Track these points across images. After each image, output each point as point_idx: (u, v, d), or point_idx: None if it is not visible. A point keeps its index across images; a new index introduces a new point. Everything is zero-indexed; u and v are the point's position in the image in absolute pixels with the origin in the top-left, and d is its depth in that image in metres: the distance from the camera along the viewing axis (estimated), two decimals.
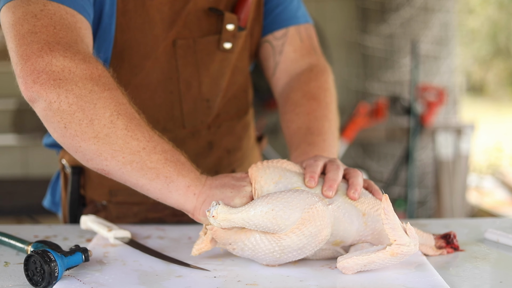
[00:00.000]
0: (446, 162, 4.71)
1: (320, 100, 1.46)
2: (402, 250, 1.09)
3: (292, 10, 1.53)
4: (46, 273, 1.05)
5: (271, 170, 1.16)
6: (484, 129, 7.44)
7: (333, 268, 1.15)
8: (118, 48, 1.36)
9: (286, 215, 1.08)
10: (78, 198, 1.51)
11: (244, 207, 1.09)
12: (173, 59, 1.41)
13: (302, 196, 1.10)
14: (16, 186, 4.00)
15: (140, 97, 1.39)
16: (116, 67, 1.36)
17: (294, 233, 1.09)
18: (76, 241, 1.34)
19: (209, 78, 1.46)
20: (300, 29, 1.54)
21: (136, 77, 1.39)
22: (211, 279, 1.10)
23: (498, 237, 1.30)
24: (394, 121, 4.75)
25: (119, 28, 1.35)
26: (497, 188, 6.15)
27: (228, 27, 1.43)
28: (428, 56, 4.84)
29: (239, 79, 1.53)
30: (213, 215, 1.08)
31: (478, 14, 10.19)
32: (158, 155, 1.15)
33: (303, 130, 1.40)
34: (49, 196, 1.65)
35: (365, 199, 1.16)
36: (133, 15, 1.35)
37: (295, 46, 1.54)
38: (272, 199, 1.09)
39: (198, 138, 1.49)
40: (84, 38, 1.20)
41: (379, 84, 5.00)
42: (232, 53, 1.47)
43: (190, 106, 1.45)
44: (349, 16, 5.19)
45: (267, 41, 1.54)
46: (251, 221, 1.08)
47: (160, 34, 1.38)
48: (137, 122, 1.16)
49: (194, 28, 1.41)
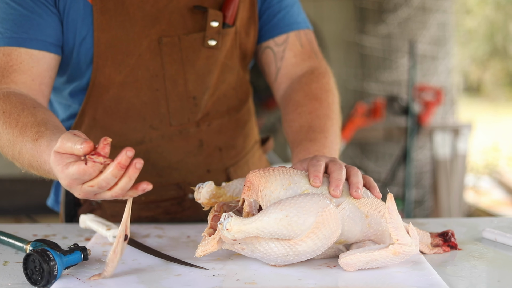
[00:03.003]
0: (443, 161, 4.72)
1: (322, 100, 1.47)
2: (404, 250, 1.09)
3: (293, 15, 1.55)
4: (45, 272, 1.05)
5: (281, 176, 1.14)
6: (481, 129, 7.46)
7: (332, 266, 1.15)
8: (102, 47, 1.39)
9: (301, 220, 1.07)
10: (74, 196, 1.51)
11: (257, 216, 1.07)
12: (159, 57, 1.43)
13: (314, 200, 1.09)
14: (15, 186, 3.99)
15: (126, 95, 1.43)
16: (101, 66, 1.40)
17: (309, 238, 1.09)
18: (75, 240, 1.34)
19: (195, 75, 1.47)
20: (300, 35, 1.56)
21: (121, 74, 1.42)
22: (210, 278, 1.10)
23: (495, 236, 1.30)
24: (392, 121, 4.76)
25: (99, 28, 1.38)
26: (494, 188, 6.16)
27: (212, 24, 1.45)
28: (425, 56, 4.85)
29: (229, 77, 1.53)
30: (227, 228, 1.06)
31: (475, 14, 10.20)
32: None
33: (305, 128, 1.41)
34: (52, 196, 1.66)
35: (367, 200, 1.16)
36: (113, 14, 1.39)
37: (296, 52, 1.55)
38: (285, 206, 1.07)
39: (187, 136, 1.49)
40: (12, 73, 1.35)
41: (377, 84, 5.00)
42: (219, 50, 1.48)
43: (176, 104, 1.47)
44: (347, 16, 5.20)
45: (268, 47, 1.56)
46: (265, 230, 1.07)
47: (142, 31, 1.41)
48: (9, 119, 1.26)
49: (179, 26, 1.44)
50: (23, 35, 1.35)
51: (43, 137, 1.16)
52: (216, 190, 1.25)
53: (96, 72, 1.41)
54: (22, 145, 1.20)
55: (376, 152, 5.05)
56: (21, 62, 1.35)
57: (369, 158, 5.10)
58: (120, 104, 1.44)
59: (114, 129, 1.46)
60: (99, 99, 1.44)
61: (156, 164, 1.48)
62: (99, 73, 1.41)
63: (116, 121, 1.45)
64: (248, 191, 1.13)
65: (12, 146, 1.23)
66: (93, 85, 1.42)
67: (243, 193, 1.14)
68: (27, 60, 1.35)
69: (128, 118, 1.45)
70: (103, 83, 1.42)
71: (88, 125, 1.46)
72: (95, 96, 1.43)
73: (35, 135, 1.18)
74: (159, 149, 1.48)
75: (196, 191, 1.25)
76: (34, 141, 1.17)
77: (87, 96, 1.43)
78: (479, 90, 10.71)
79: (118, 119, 1.45)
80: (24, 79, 1.35)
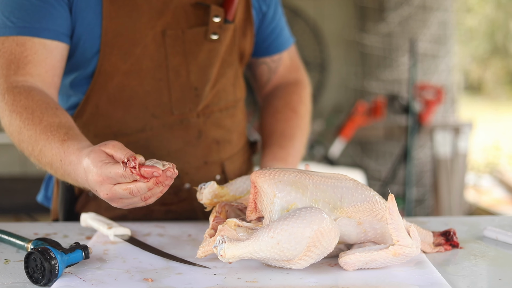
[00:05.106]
0: (444, 160, 4.72)
1: (297, 111, 1.67)
2: (404, 251, 1.09)
3: (285, 35, 1.71)
4: (46, 270, 1.05)
5: (286, 189, 1.13)
6: (482, 128, 7.46)
7: (333, 265, 1.15)
8: (109, 35, 1.44)
9: (293, 247, 1.07)
10: (69, 189, 1.54)
11: (250, 241, 1.07)
12: (163, 48, 1.48)
13: (306, 221, 1.07)
14: (15, 184, 4.00)
15: (130, 83, 1.47)
16: (108, 54, 1.44)
17: (303, 260, 1.09)
18: (76, 238, 1.34)
19: (197, 67, 1.51)
20: (290, 50, 1.74)
21: (126, 63, 1.46)
22: (211, 276, 1.10)
23: (497, 235, 1.30)
24: (392, 120, 4.76)
25: (108, 16, 1.43)
26: (495, 187, 6.16)
27: (214, 19, 1.50)
28: (426, 54, 4.85)
29: (228, 72, 1.58)
30: (221, 255, 1.06)
31: (476, 13, 10.20)
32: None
33: (278, 133, 1.62)
34: (42, 191, 1.68)
35: (355, 207, 1.15)
36: (122, 4, 1.44)
37: (286, 65, 1.73)
38: (276, 232, 1.06)
39: (187, 125, 1.52)
40: (27, 64, 1.37)
41: (377, 82, 5.00)
42: (220, 44, 1.53)
43: (178, 94, 1.50)
44: (348, 14, 5.20)
45: (264, 62, 1.71)
46: (258, 255, 1.07)
47: (148, 22, 1.46)
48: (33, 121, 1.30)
49: (182, 20, 1.49)
50: (35, 24, 1.38)
51: (72, 140, 1.22)
52: (219, 190, 1.25)
53: (103, 60, 1.45)
54: (45, 143, 1.25)
55: (376, 151, 5.05)
56: (36, 53, 1.38)
57: (369, 156, 5.10)
58: (124, 92, 1.48)
59: (116, 117, 1.49)
60: (104, 87, 1.47)
61: (155, 152, 1.51)
62: (105, 61, 1.45)
63: (118, 108, 1.48)
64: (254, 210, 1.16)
65: (34, 142, 1.27)
66: (99, 73, 1.46)
67: (248, 210, 1.17)
68: (41, 51, 1.38)
69: (130, 106, 1.49)
70: (109, 70, 1.46)
71: (90, 113, 1.49)
72: (100, 84, 1.47)
73: (64, 136, 1.23)
74: (159, 137, 1.50)
75: (198, 192, 1.25)
76: (62, 142, 1.22)
77: (92, 83, 1.47)
78: (479, 89, 10.71)
79: (121, 107, 1.48)
80: (39, 71, 1.38)
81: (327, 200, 1.13)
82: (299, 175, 1.15)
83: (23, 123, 1.29)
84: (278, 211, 1.12)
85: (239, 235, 1.13)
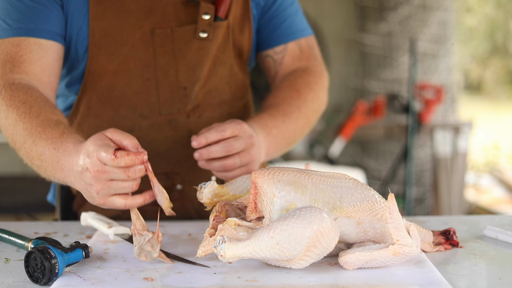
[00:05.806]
0: (444, 160, 4.72)
1: (300, 93, 1.55)
2: (404, 250, 1.09)
3: (293, 26, 1.62)
4: (46, 269, 1.05)
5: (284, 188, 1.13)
6: (481, 127, 7.45)
7: (333, 264, 1.15)
8: (96, 36, 1.44)
9: (292, 247, 1.07)
10: (69, 189, 1.55)
11: (250, 241, 1.07)
12: (151, 48, 1.47)
13: (306, 221, 1.07)
14: (16, 184, 4.00)
15: (118, 83, 1.48)
16: (96, 54, 1.45)
17: (303, 260, 1.09)
18: (76, 237, 1.34)
19: (186, 67, 1.50)
20: (301, 41, 1.64)
21: (114, 63, 1.46)
22: (211, 276, 1.10)
23: (497, 234, 1.30)
24: (392, 119, 4.76)
25: (94, 17, 1.43)
26: (494, 186, 6.16)
27: (204, 17, 1.49)
28: (426, 54, 4.85)
29: (221, 70, 1.56)
30: (221, 254, 1.07)
31: (476, 12, 10.19)
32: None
33: (274, 105, 1.52)
34: (52, 191, 1.68)
35: (354, 207, 1.15)
36: (109, 4, 1.44)
37: (294, 56, 1.63)
38: (275, 233, 1.06)
39: (176, 126, 1.52)
40: (23, 63, 1.39)
41: (377, 82, 5.00)
42: (211, 43, 1.51)
43: (167, 94, 1.50)
44: (348, 14, 5.19)
45: (268, 55, 1.64)
46: (258, 255, 1.07)
47: (136, 22, 1.46)
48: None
49: (172, 18, 1.48)
50: (30, 25, 1.39)
51: (72, 134, 1.23)
52: (219, 189, 1.25)
53: (91, 60, 1.45)
54: (41, 134, 1.24)
55: (376, 150, 5.05)
56: (31, 52, 1.39)
57: (369, 156, 5.10)
58: (113, 92, 1.48)
59: (106, 117, 1.49)
60: (94, 87, 1.48)
61: None
62: (93, 62, 1.46)
63: (108, 108, 1.49)
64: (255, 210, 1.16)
65: (27, 134, 1.27)
66: (88, 73, 1.47)
67: (249, 210, 1.16)
68: (37, 50, 1.39)
69: (119, 107, 1.49)
70: (97, 71, 1.46)
71: (82, 114, 1.50)
72: (90, 84, 1.48)
73: (63, 130, 1.24)
74: (148, 137, 1.50)
75: (199, 191, 1.25)
76: (61, 134, 1.23)
77: (83, 84, 1.48)
78: (479, 88, 10.71)
79: (110, 107, 1.49)
80: (34, 70, 1.39)
81: (326, 200, 1.13)
82: (298, 175, 1.15)
83: (20, 116, 1.29)
84: (277, 211, 1.12)
85: (239, 234, 1.13)
